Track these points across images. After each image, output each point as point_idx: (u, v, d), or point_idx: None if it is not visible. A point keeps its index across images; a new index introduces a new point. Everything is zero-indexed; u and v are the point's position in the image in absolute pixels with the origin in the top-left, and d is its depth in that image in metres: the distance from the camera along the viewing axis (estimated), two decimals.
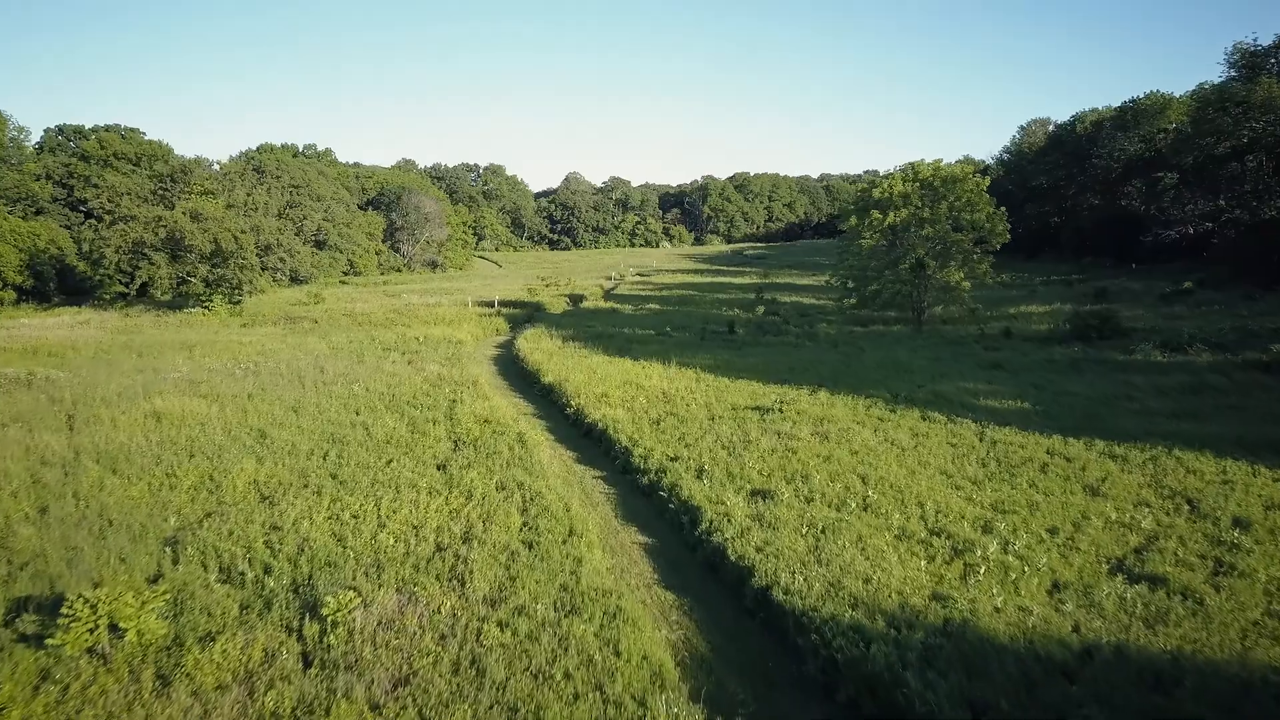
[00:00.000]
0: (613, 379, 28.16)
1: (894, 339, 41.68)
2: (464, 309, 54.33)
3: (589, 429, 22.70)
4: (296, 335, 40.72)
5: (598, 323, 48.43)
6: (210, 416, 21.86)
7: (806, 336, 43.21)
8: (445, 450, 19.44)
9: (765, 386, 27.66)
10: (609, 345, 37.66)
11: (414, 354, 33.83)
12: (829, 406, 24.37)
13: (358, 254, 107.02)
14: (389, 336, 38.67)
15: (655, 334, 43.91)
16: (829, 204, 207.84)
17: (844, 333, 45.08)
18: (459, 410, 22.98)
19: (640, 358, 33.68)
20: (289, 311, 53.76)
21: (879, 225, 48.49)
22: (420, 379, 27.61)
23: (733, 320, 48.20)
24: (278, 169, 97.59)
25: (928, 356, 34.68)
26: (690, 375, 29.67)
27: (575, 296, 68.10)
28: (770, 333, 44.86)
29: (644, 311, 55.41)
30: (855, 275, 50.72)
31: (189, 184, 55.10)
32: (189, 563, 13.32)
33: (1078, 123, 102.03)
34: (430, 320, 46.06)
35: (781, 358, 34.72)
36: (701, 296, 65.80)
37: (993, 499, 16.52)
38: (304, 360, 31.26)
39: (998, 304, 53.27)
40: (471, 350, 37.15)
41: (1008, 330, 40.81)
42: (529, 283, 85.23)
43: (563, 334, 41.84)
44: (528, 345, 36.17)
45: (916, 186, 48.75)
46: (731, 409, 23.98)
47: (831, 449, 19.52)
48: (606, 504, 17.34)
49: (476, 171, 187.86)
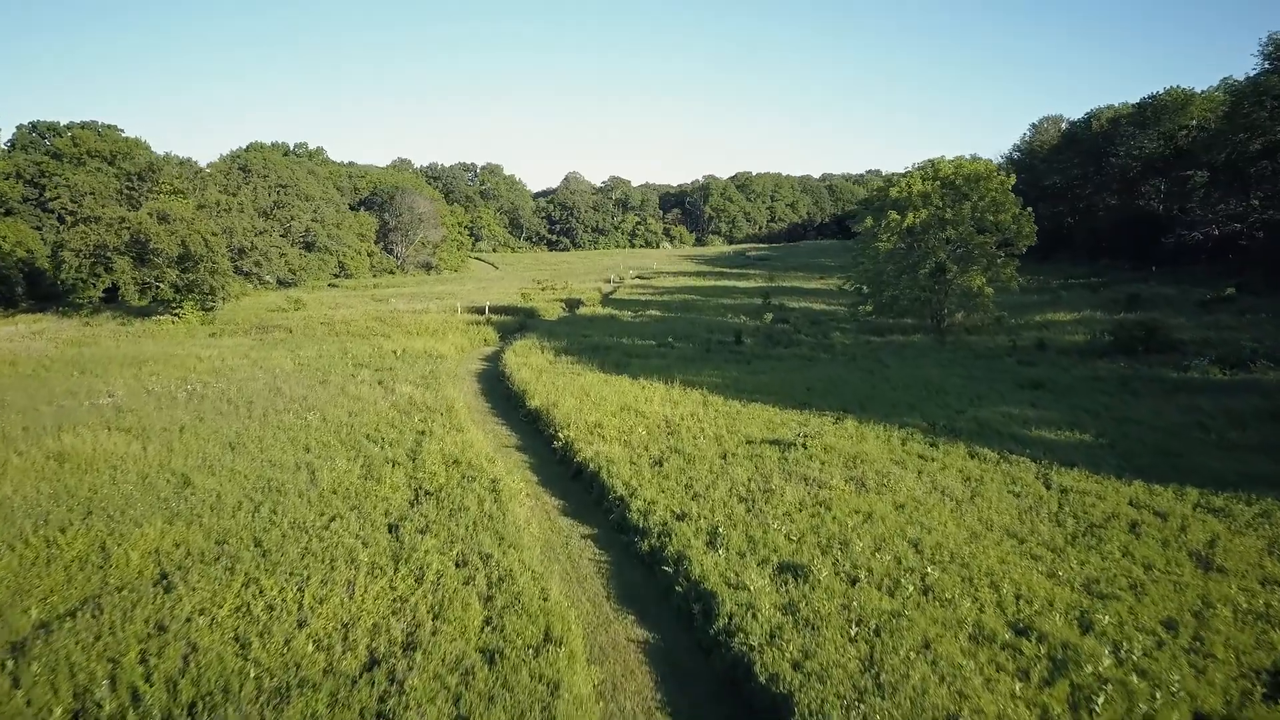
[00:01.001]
0: (608, 403, 24.73)
1: (917, 351, 38.23)
2: (451, 316, 50.89)
3: (579, 469, 19.26)
4: (264, 348, 37.27)
5: (594, 332, 45.00)
6: (127, 457, 18.42)
7: (820, 348, 39.76)
8: (402, 503, 16.00)
9: (782, 412, 24.23)
10: (605, 359, 34.23)
11: (387, 371, 30.39)
12: (859, 440, 20.93)
13: (348, 256, 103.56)
14: (364, 350, 35.22)
15: (656, 345, 40.48)
16: (832, 204, 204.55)
17: (860, 343, 41.64)
18: (426, 447, 19.54)
19: (640, 375, 30.27)
20: (264, 319, 50.32)
21: (896, 227, 45.06)
22: (388, 405, 24.16)
23: (740, 329, 44.76)
24: (264, 168, 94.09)
25: (959, 374, 31.24)
26: (696, 397, 26.24)
27: (572, 302, 64.66)
28: (781, 343, 41.42)
29: (644, 318, 51.97)
30: (870, 280, 47.30)
31: (157, 183, 51.70)
32: (33, 684, 9.91)
33: (1093, 120, 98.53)
34: (413, 330, 42.63)
35: (796, 375, 31.29)
36: (705, 301, 62.34)
37: (1083, 575, 13.09)
38: (260, 380, 27.82)
39: (1021, 311, 49.86)
40: (453, 366, 33.70)
41: (1041, 342, 37.36)
42: (524, 286, 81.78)
43: (555, 346, 38.40)
44: (515, 360, 32.74)
45: (937, 185, 45.32)
46: (746, 442, 20.55)
47: (872, 502, 16.07)
48: (597, 578, 13.90)
49: (473, 171, 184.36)
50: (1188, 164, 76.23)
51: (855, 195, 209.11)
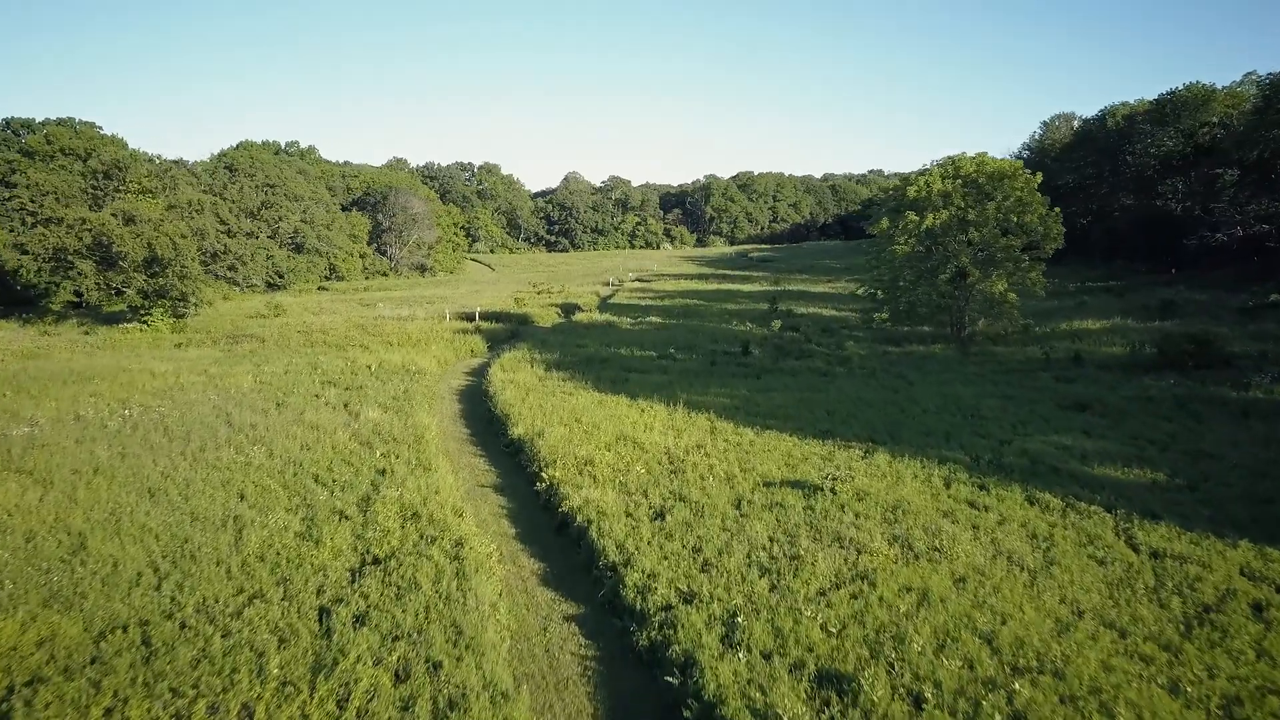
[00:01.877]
0: (602, 431, 21.61)
1: (940, 364, 35.12)
2: (438, 324, 47.78)
3: (565, 520, 16.14)
4: (229, 361, 34.14)
5: (591, 341, 41.88)
6: (18, 510, 15.30)
7: (835, 360, 36.66)
8: (341, 576, 12.88)
9: (802, 443, 21.11)
10: (601, 375, 31.11)
11: (357, 390, 27.26)
12: (895, 481, 17.81)
13: (339, 257, 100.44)
14: (336, 364, 32.09)
15: (657, 357, 37.37)
16: (835, 204, 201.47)
17: (877, 354, 38.53)
18: (383, 493, 16.41)
19: (639, 394, 27.16)
20: (240, 327, 47.21)
21: (915, 229, 41.94)
22: (348, 434, 21.02)
23: (747, 339, 41.66)
24: (251, 167, 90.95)
25: (993, 393, 28.12)
26: (702, 423, 23.12)
27: (568, 307, 61.55)
28: (792, 355, 38.31)
29: (644, 326, 48.85)
30: (886, 286, 44.18)
31: (124, 182, 48.58)
32: None
33: (1108, 117, 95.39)
34: (394, 340, 39.50)
35: (813, 394, 28.17)
36: (708, 307, 59.21)
37: (1217, 691, 9.97)
38: (210, 403, 24.68)
39: (1045, 318, 46.77)
40: (433, 383, 30.58)
41: (1077, 355, 34.22)
42: (520, 289, 78.67)
43: (547, 358, 35.29)
44: (502, 377, 29.62)
45: (958, 184, 42.21)
46: (763, 484, 17.44)
47: (925, 574, 12.95)
48: (580, 688, 10.77)
49: (471, 171, 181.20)
50: (1210, 162, 73.21)
51: (858, 195, 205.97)
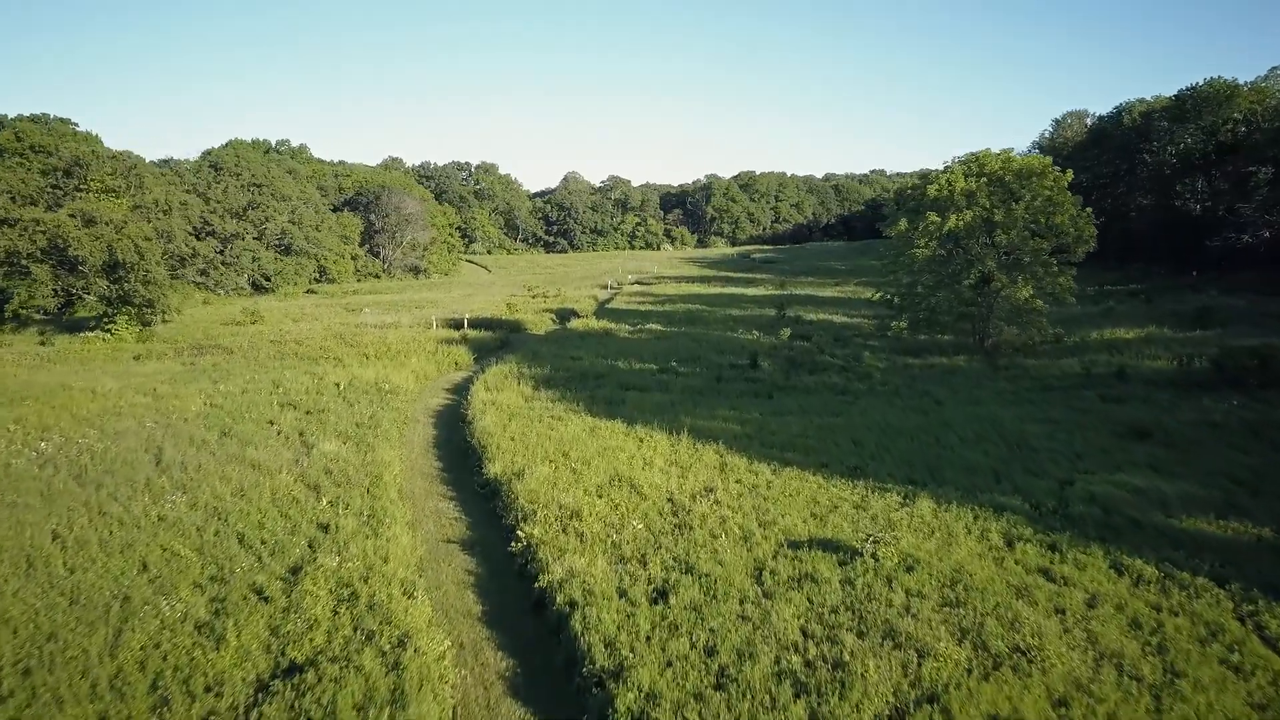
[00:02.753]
0: (594, 469, 18.46)
1: (969, 380, 31.96)
2: (423, 333, 44.61)
3: (543, 597, 12.98)
4: (186, 377, 30.98)
5: (586, 352, 38.72)
6: None
7: (853, 374, 33.52)
8: (241, 693, 9.74)
9: (829, 484, 17.97)
10: (595, 394, 27.95)
11: (318, 415, 24.09)
12: (947, 541, 14.66)
13: (329, 259, 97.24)
14: (301, 382, 28.91)
15: (657, 370, 34.22)
16: (838, 204, 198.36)
17: (898, 368, 35.38)
18: (319, 560, 13.26)
19: (637, 418, 24.00)
20: (210, 336, 44.06)
21: (936, 230, 38.79)
22: (294, 475, 17.84)
23: (755, 350, 38.49)
24: (237, 166, 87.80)
25: (1036, 416, 24.95)
26: (710, 458, 19.97)
27: (563, 313, 58.37)
28: (804, 368, 35.15)
29: (644, 334, 45.70)
30: (905, 292, 41.04)
31: (86, 180, 45.42)
32: None
33: (1124, 114, 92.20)
34: (372, 352, 36.32)
35: (833, 417, 25.00)
36: (711, 313, 56.03)
37: None
38: (144, 433, 21.49)
39: (1072, 326, 43.55)
40: (407, 404, 27.41)
41: (1121, 370, 31.03)
42: (514, 293, 75.52)
43: (537, 373, 32.14)
44: (483, 397, 26.45)
45: (983, 183, 39.07)
46: (787, 545, 14.29)
47: (1013, 694, 9.76)
48: None
49: (468, 170, 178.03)
50: (1237, 160, 70.14)
51: (862, 195, 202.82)
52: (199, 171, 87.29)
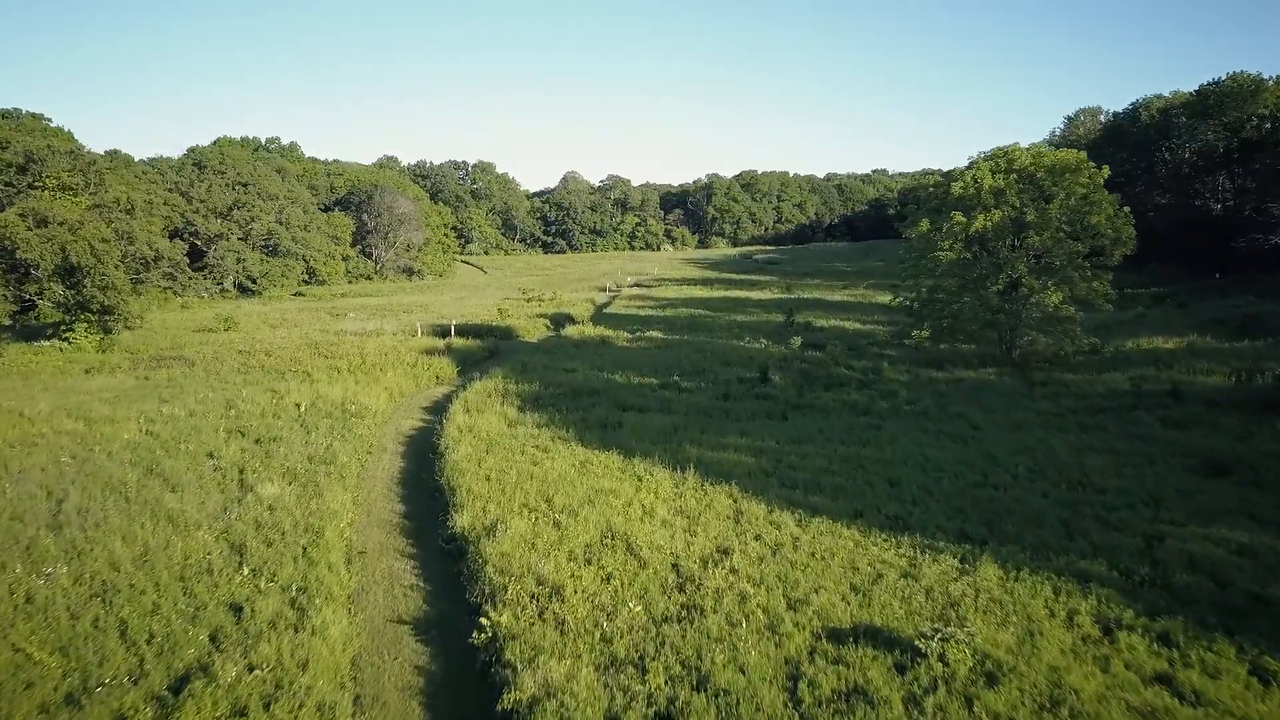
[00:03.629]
0: (582, 523, 15.29)
1: (1002, 397, 28.80)
2: (406, 341, 41.46)
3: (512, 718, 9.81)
4: (132, 397, 27.80)
5: (580, 364, 35.59)
6: None
7: (876, 389, 30.37)
8: None
9: (867, 540, 14.82)
10: (589, 416, 24.78)
11: (268, 445, 20.91)
12: (1027, 628, 11.50)
13: (318, 260, 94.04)
14: (258, 402, 25.71)
15: (658, 386, 31.10)
16: (841, 204, 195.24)
17: (922, 381, 32.25)
18: (215, 669, 10.08)
19: (636, 448, 20.85)
20: (176, 345, 40.91)
21: (961, 232, 35.64)
22: (213, 534, 14.65)
23: (765, 361, 35.33)
24: (221, 164, 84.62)
25: (1092, 445, 21.76)
26: (723, 502, 16.81)
27: (559, 318, 55.20)
28: (820, 383, 32.00)
29: (643, 343, 42.54)
30: (926, 297, 37.87)
31: (41, 177, 42.27)
32: None
33: (1141, 110, 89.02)
34: (346, 365, 33.12)
35: (860, 447, 21.82)
36: (715, 318, 52.87)
37: None
38: (53, 471, 18.29)
39: (1103, 334, 40.25)
40: (375, 428, 24.24)
41: (1175, 388, 27.83)
42: (508, 296, 72.35)
43: (524, 391, 28.99)
44: (461, 422, 23.27)
45: (1013, 180, 35.91)
46: (827, 638, 11.13)
47: None
48: None
49: (464, 170, 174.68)
50: (1258, 158, 67.14)
51: (865, 195, 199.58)
52: (182, 170, 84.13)
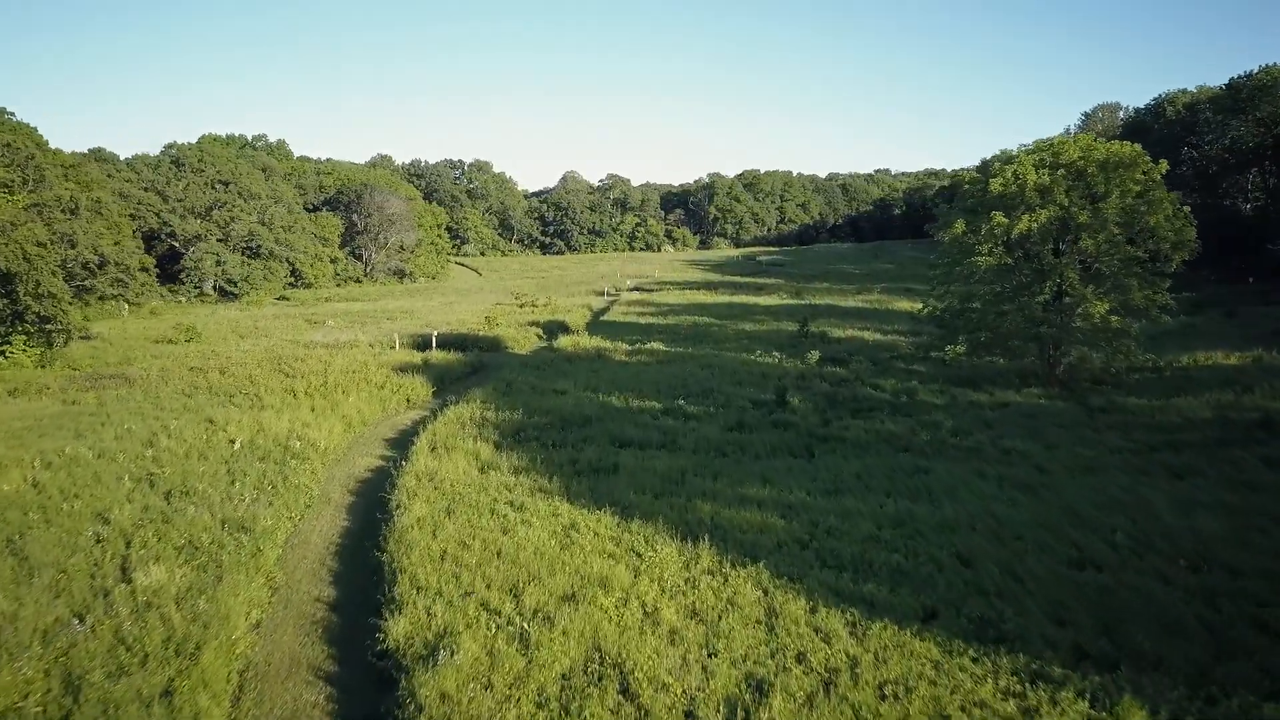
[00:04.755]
0: (559, 641, 11.16)
1: (1058, 425, 24.69)
2: (380, 355, 37.37)
3: None
4: (45, 427, 23.64)
5: (572, 383, 31.53)
6: None
7: (912, 417, 26.24)
8: None
9: (950, 661, 10.74)
10: (577, 460, 20.66)
11: (179, 499, 16.83)
12: None
13: (304, 262, 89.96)
14: (188, 437, 21.60)
15: (661, 411, 27.03)
16: (846, 204, 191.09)
17: (961, 405, 28.18)
18: None
19: (634, 507, 16.75)
20: (128, 358, 36.87)
21: (1003, 234, 31.57)
22: (44, 664, 10.55)
23: (781, 381, 31.25)
24: (200, 162, 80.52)
25: (1199, 500, 17.65)
26: (748, 595, 12.70)
27: (552, 326, 51.14)
28: (846, 406, 27.94)
29: (643, 358, 38.46)
30: (959, 308, 33.78)
31: None
32: None
33: (1166, 106, 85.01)
34: (305, 386, 28.98)
35: (911, 502, 17.71)
36: (721, 328, 48.77)
37: None
38: None
39: (1152, 346, 36.07)
40: (319, 473, 20.14)
41: (1267, 417, 23.76)
42: (500, 301, 68.30)
43: (505, 420, 24.90)
44: (422, 467, 19.16)
45: (1060, 175, 31.83)
46: None
47: None
48: None
49: (460, 169, 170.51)
50: None
51: (869, 195, 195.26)
52: (159, 168, 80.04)
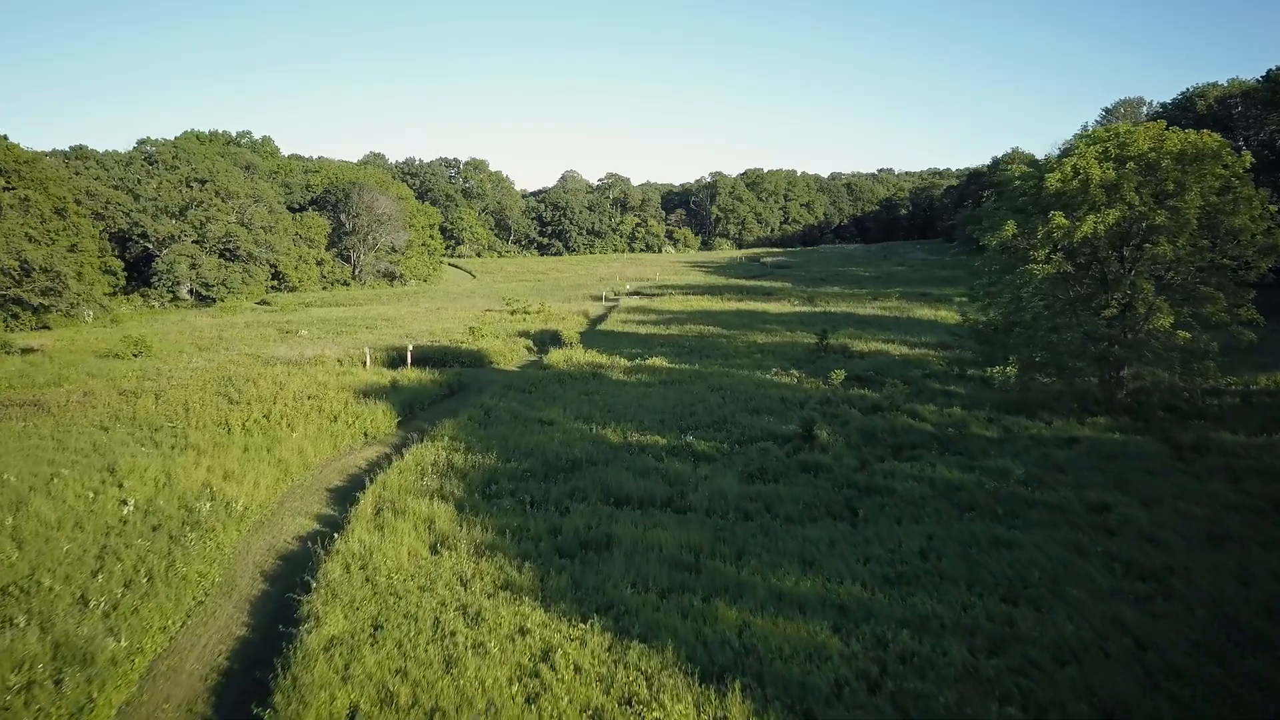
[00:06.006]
0: None
1: (1147, 472, 20.15)
2: (349, 371, 32.87)
3: None
4: None
5: (561, 410, 27.04)
6: None
7: (971, 461, 21.70)
8: None
9: None
10: (560, 530, 16.03)
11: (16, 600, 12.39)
12: None
13: (288, 265, 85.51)
14: (68, 498, 17.04)
15: (665, 450, 22.50)
16: (851, 204, 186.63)
17: (1021, 439, 23.66)
18: None
19: (634, 614, 12.28)
20: (60, 376, 32.39)
21: (1063, 238, 27.05)
22: None
23: (804, 407, 26.74)
24: (174, 159, 76.02)
25: None
26: None
27: (544, 337, 46.63)
28: (885, 442, 23.41)
29: (644, 376, 33.96)
30: (1009, 322, 29.24)
31: None
32: None
33: (1197, 99, 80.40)
34: (243, 419, 24.46)
35: (1011, 605, 13.20)
36: (730, 340, 44.24)
37: None
38: None
39: (1226, 365, 31.45)
40: (241, 538, 15.67)
41: None
42: (491, 307, 63.85)
43: (474, 468, 20.36)
44: (358, 545, 14.61)
45: (1131, 169, 27.29)
46: None
47: None
48: None
49: (456, 167, 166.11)
50: None
51: (875, 195, 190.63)
52: (130, 164, 75.58)
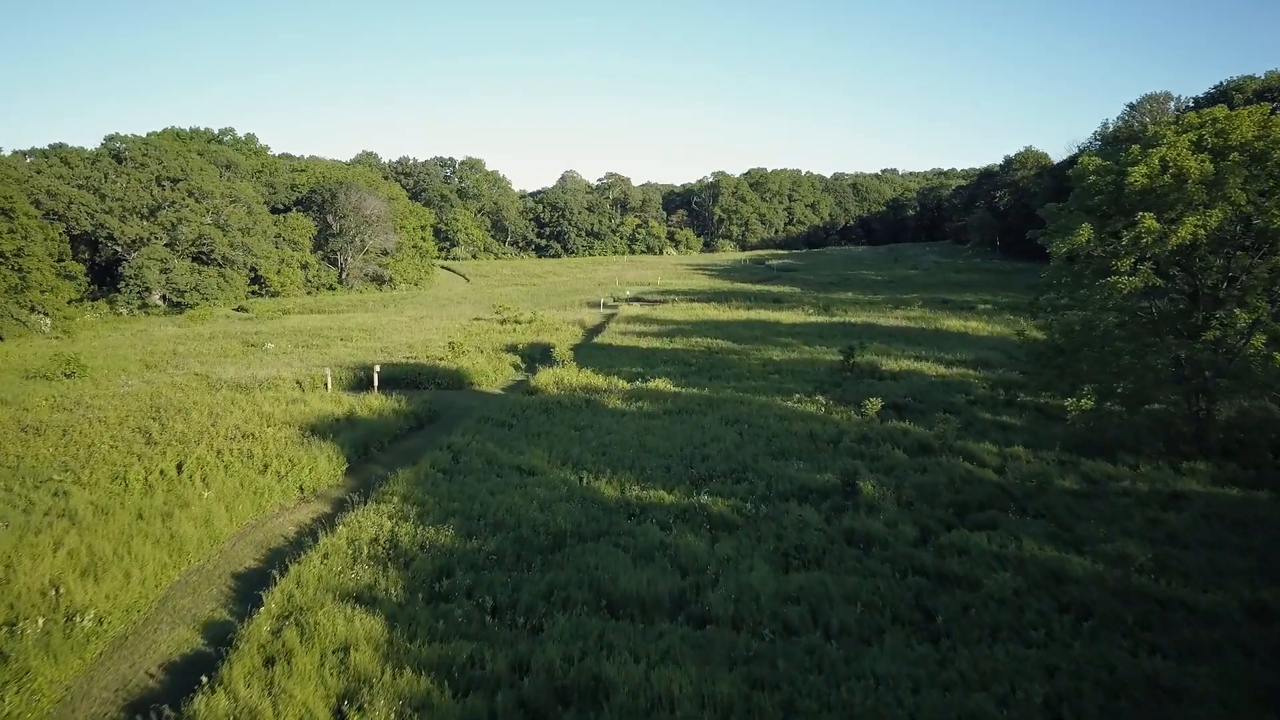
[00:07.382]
0: None
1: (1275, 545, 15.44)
2: (304, 398, 28.15)
3: None
4: None
5: (546, 453, 22.32)
6: None
7: (1062, 531, 16.99)
8: None
9: None
10: (529, 670, 11.27)
11: None
12: None
13: (269, 268, 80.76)
14: None
15: (675, 513, 17.77)
16: (857, 204, 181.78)
17: (1112, 497, 18.97)
18: None
19: None
20: None
21: (1152, 244, 22.31)
22: None
23: (840, 450, 22.01)
24: (144, 156, 71.31)
25: None
26: None
27: (534, 351, 41.88)
28: (947, 499, 18.70)
29: (646, 404, 29.21)
30: (1081, 342, 24.49)
31: None
32: None
33: (1234, 93, 75.70)
34: (152, 471, 19.78)
35: None
36: (742, 356, 39.47)
37: None
38: None
39: None
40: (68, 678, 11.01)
41: None
42: (480, 315, 59.13)
43: (422, 549, 15.65)
44: (221, 710, 9.94)
45: (1234, 160, 22.52)
46: None
47: None
48: None
49: (451, 167, 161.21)
50: None
51: (882, 195, 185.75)
52: (97, 162, 70.89)
